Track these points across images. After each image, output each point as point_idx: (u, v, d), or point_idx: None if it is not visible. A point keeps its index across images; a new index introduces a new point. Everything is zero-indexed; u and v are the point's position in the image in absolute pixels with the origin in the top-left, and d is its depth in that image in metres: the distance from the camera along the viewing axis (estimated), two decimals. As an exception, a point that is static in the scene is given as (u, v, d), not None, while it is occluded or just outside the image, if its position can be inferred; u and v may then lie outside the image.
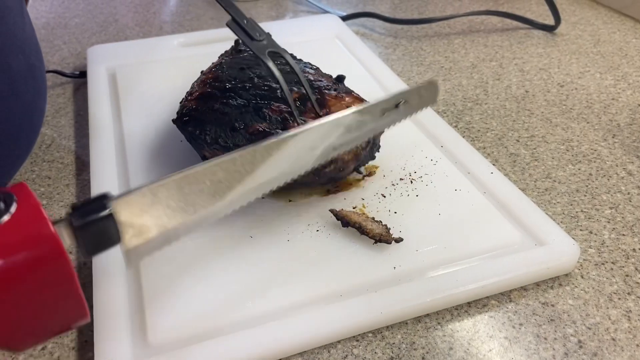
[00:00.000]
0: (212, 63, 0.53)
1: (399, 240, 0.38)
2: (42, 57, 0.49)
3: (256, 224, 0.40)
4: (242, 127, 0.40)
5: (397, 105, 0.37)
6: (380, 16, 0.75)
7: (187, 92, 0.48)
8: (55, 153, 0.51)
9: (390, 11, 0.81)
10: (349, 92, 0.44)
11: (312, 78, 0.45)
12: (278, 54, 0.44)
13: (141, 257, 0.29)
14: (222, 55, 0.55)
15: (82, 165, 0.49)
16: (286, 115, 0.41)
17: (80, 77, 0.62)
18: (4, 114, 0.41)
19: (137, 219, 0.28)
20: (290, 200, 0.43)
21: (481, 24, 0.76)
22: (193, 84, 0.49)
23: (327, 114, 0.41)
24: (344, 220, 0.38)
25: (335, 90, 0.44)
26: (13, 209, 0.24)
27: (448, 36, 0.72)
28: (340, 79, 0.46)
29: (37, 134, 0.47)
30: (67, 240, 0.25)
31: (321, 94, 0.43)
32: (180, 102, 0.47)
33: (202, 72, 0.52)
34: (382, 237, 0.37)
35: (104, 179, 0.45)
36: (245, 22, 0.44)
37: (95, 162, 0.47)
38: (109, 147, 0.49)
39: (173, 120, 0.45)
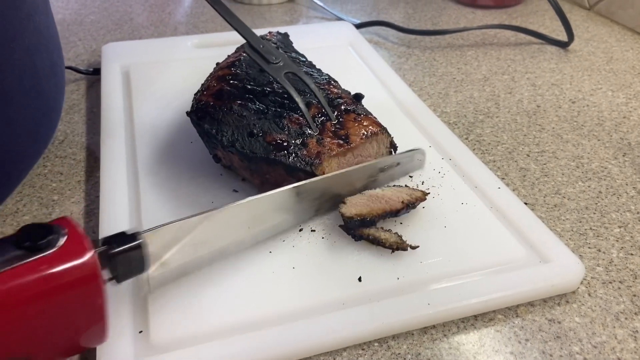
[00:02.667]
0: (229, 56, 0.53)
1: (414, 247, 0.38)
2: (63, 55, 0.50)
3: (264, 228, 0.40)
4: (260, 134, 0.40)
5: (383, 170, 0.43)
6: (394, 25, 0.75)
7: (202, 85, 0.48)
8: (67, 149, 0.51)
9: (404, 20, 0.81)
10: (367, 114, 0.45)
11: (331, 96, 0.45)
12: (296, 75, 0.45)
13: (161, 284, 0.34)
14: (238, 49, 0.54)
15: (94, 162, 0.50)
16: (305, 129, 0.41)
17: (94, 74, 0.63)
18: (26, 111, 0.42)
19: (163, 251, 0.33)
20: (298, 206, 0.43)
21: (494, 37, 0.76)
22: (209, 77, 0.49)
23: (345, 136, 0.42)
24: (357, 235, 0.38)
25: (354, 111, 0.44)
26: (64, 239, 0.28)
27: (461, 48, 0.73)
28: (359, 97, 0.46)
29: (54, 130, 0.48)
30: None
31: (340, 113, 0.43)
32: (195, 95, 0.47)
33: (217, 64, 0.52)
34: (398, 245, 0.37)
35: (114, 177, 0.45)
36: (261, 46, 0.45)
37: (105, 161, 0.47)
38: (120, 145, 0.49)
39: (187, 113, 0.45)
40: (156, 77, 0.60)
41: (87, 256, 0.28)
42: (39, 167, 0.49)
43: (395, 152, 0.46)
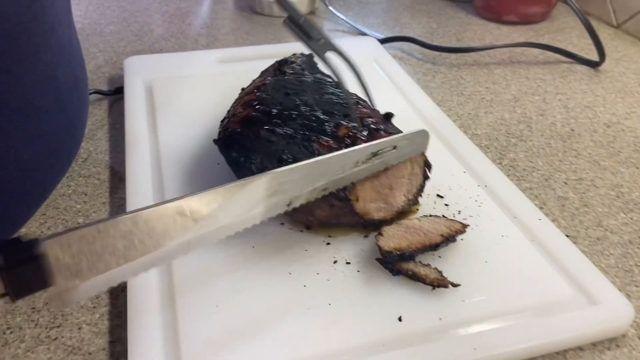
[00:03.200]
0: (254, 81, 0.52)
1: (455, 285, 0.36)
2: (85, 68, 0.48)
3: (295, 260, 0.39)
4: (290, 159, 0.39)
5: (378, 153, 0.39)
6: (419, 41, 0.74)
7: (228, 112, 0.47)
8: (91, 168, 0.50)
9: (428, 35, 0.80)
10: (399, 133, 0.43)
11: (360, 114, 0.44)
12: (341, 54, 0.43)
13: (76, 299, 0.27)
14: (263, 73, 0.53)
15: (118, 182, 0.48)
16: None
17: (116, 93, 0.61)
18: (48, 128, 0.40)
19: (73, 260, 0.26)
20: (329, 236, 0.41)
21: (522, 54, 0.74)
22: (235, 103, 0.48)
23: None
24: (395, 270, 0.37)
25: (384, 130, 0.42)
26: None
27: (488, 66, 0.71)
28: (389, 116, 0.45)
29: (78, 147, 0.46)
30: None
31: (370, 132, 0.42)
32: (222, 122, 0.46)
33: (242, 89, 0.51)
34: (440, 283, 0.36)
35: (140, 198, 0.44)
36: (302, 20, 0.43)
37: (130, 181, 0.46)
38: (145, 164, 0.48)
39: (214, 141, 0.44)
40: (180, 93, 0.58)
41: None
42: (63, 187, 0.48)
43: (430, 171, 0.44)
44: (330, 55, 0.44)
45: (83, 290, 0.27)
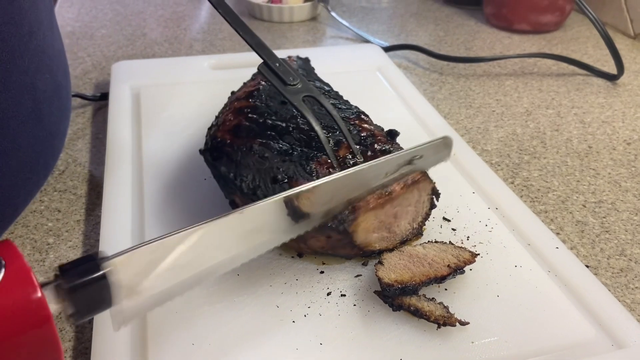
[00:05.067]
0: (245, 84, 0.48)
1: (464, 323, 0.32)
2: (69, 74, 0.45)
3: (284, 290, 0.35)
4: (285, 180, 0.35)
5: (411, 161, 0.35)
6: (426, 50, 0.70)
7: (217, 118, 0.42)
8: (68, 181, 0.46)
9: (435, 44, 0.76)
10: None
11: (362, 132, 0.39)
12: (316, 100, 0.39)
13: (132, 318, 0.27)
14: (257, 74, 0.49)
15: (96, 198, 0.44)
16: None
17: (101, 99, 0.58)
18: (24, 140, 0.36)
19: (133, 279, 0.26)
20: (323, 263, 0.37)
21: (534, 65, 0.70)
22: (224, 109, 0.43)
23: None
24: (396, 305, 0.33)
25: (390, 152, 0.38)
26: (1, 274, 0.22)
27: (498, 77, 0.67)
28: (393, 135, 0.40)
29: (56, 159, 0.43)
30: (54, 305, 0.23)
31: (373, 152, 0.37)
32: (209, 129, 0.42)
33: (232, 92, 0.46)
34: (446, 321, 0.32)
35: (116, 220, 0.40)
36: (277, 65, 0.39)
37: (107, 197, 0.42)
38: (126, 181, 0.44)
39: (201, 151, 0.40)
40: (169, 101, 0.55)
41: (33, 294, 0.22)
42: (35, 202, 0.44)
43: (437, 200, 0.40)
44: (308, 101, 0.39)
45: (140, 309, 0.27)
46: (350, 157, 0.37)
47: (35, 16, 0.38)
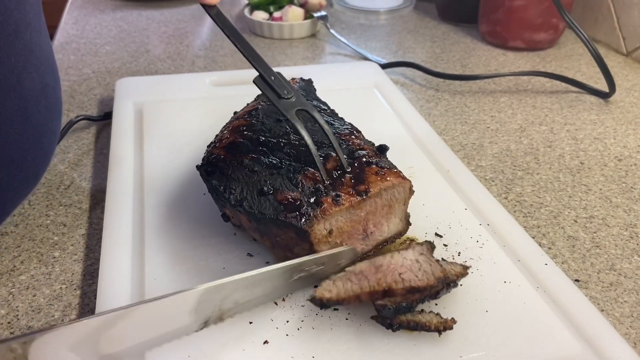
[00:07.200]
0: (247, 104, 0.50)
1: (454, 321, 0.34)
2: (58, 75, 0.46)
3: (279, 304, 0.36)
4: (270, 192, 0.36)
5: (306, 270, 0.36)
6: (422, 68, 0.71)
7: (216, 136, 0.44)
8: (73, 196, 0.48)
9: (431, 61, 0.78)
10: (392, 167, 0.40)
11: (352, 147, 0.41)
12: (308, 113, 0.40)
13: None
14: (259, 96, 0.51)
15: (100, 213, 0.46)
16: (320, 186, 0.37)
17: (105, 118, 0.59)
18: (9, 137, 0.38)
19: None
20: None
21: (528, 82, 0.71)
22: (224, 128, 0.45)
23: (366, 190, 0.37)
24: (395, 325, 0.33)
25: (376, 163, 0.39)
26: None
27: (493, 93, 0.68)
28: (383, 150, 0.42)
29: (48, 159, 0.43)
30: None
31: (360, 166, 0.39)
32: (208, 147, 0.43)
33: (235, 112, 0.48)
34: (445, 326, 0.33)
35: (117, 235, 0.41)
36: (272, 78, 0.40)
37: (110, 211, 0.43)
38: (127, 196, 0.45)
39: (197, 167, 0.41)
40: (171, 118, 0.56)
41: None
42: (42, 216, 0.45)
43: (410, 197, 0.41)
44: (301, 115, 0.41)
45: None
46: (339, 170, 0.38)
47: (22, 17, 0.39)
